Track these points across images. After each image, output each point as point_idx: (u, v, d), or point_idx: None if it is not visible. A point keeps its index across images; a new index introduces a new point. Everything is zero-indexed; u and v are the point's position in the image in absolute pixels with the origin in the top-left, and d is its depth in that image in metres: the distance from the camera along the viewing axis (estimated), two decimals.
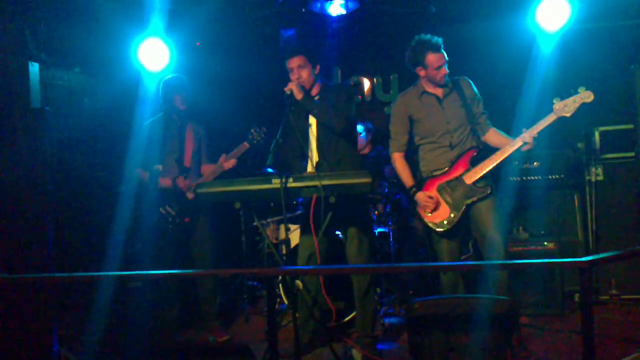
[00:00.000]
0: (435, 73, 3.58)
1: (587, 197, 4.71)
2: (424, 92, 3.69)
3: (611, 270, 4.56)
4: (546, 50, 4.71)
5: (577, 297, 4.51)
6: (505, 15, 4.95)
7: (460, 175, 3.60)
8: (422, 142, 3.75)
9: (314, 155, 3.61)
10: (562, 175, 4.71)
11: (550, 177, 4.71)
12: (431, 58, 3.55)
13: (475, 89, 3.71)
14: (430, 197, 3.60)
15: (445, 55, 3.57)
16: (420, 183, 3.70)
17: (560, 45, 4.69)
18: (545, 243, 4.42)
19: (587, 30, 4.91)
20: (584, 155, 4.76)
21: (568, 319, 4.23)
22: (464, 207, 3.57)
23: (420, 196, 3.63)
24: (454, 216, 3.58)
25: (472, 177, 3.57)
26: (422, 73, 3.65)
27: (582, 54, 4.92)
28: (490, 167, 3.56)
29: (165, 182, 4.15)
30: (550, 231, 4.59)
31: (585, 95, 3.41)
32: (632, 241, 4.49)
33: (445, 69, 3.58)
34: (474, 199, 3.56)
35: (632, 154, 4.61)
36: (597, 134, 4.74)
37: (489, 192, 3.56)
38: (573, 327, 4.00)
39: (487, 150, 3.66)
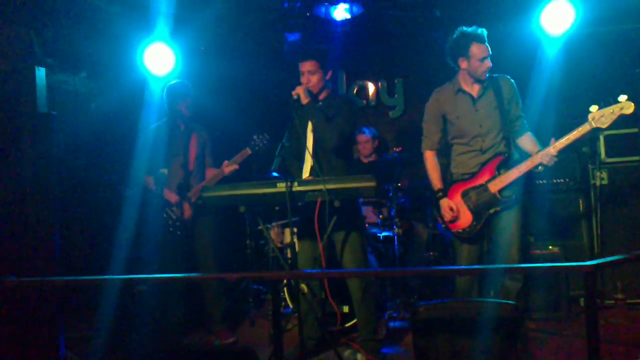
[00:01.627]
0: (478, 65, 3.47)
1: (592, 201, 4.69)
2: (460, 89, 3.59)
3: (617, 274, 4.54)
4: (551, 54, 4.70)
5: (582, 301, 4.49)
6: (509, 19, 4.96)
7: (486, 183, 3.50)
8: (453, 141, 3.67)
9: (309, 160, 3.53)
10: (567, 179, 4.70)
11: (555, 181, 4.70)
12: (475, 49, 3.45)
13: (516, 89, 3.58)
14: (452, 209, 3.53)
15: (490, 49, 3.46)
16: (446, 187, 3.63)
17: (564, 49, 4.68)
18: (550, 247, 4.40)
19: (592, 34, 4.90)
20: (589, 159, 4.74)
21: (573, 323, 4.21)
22: (486, 216, 3.50)
23: (444, 203, 3.57)
24: (476, 224, 3.51)
25: (497, 185, 3.47)
26: (464, 65, 3.51)
27: (586, 57, 4.91)
28: (516, 176, 3.44)
29: (170, 196, 4.17)
30: (555, 235, 4.57)
31: (625, 106, 3.17)
32: (637, 245, 4.46)
33: (489, 62, 3.45)
34: (497, 208, 3.48)
35: (637, 157, 4.58)
36: (601, 138, 4.71)
37: (512, 202, 3.47)
38: (578, 331, 3.99)
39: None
